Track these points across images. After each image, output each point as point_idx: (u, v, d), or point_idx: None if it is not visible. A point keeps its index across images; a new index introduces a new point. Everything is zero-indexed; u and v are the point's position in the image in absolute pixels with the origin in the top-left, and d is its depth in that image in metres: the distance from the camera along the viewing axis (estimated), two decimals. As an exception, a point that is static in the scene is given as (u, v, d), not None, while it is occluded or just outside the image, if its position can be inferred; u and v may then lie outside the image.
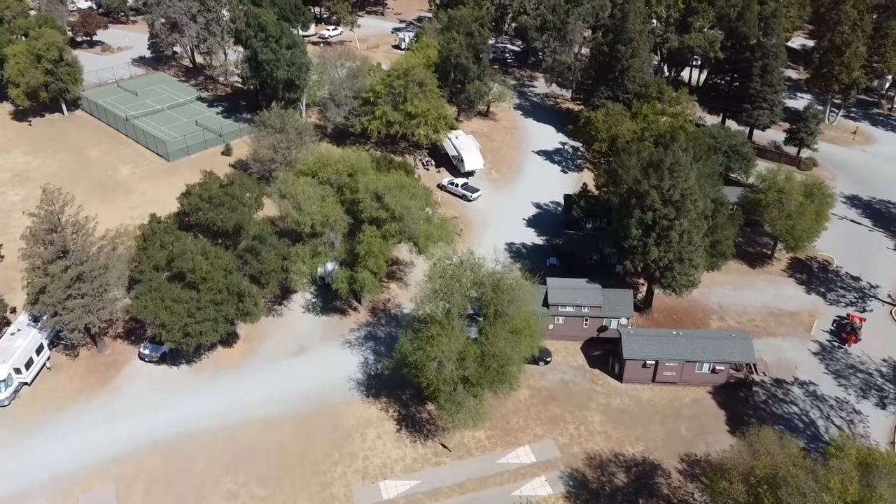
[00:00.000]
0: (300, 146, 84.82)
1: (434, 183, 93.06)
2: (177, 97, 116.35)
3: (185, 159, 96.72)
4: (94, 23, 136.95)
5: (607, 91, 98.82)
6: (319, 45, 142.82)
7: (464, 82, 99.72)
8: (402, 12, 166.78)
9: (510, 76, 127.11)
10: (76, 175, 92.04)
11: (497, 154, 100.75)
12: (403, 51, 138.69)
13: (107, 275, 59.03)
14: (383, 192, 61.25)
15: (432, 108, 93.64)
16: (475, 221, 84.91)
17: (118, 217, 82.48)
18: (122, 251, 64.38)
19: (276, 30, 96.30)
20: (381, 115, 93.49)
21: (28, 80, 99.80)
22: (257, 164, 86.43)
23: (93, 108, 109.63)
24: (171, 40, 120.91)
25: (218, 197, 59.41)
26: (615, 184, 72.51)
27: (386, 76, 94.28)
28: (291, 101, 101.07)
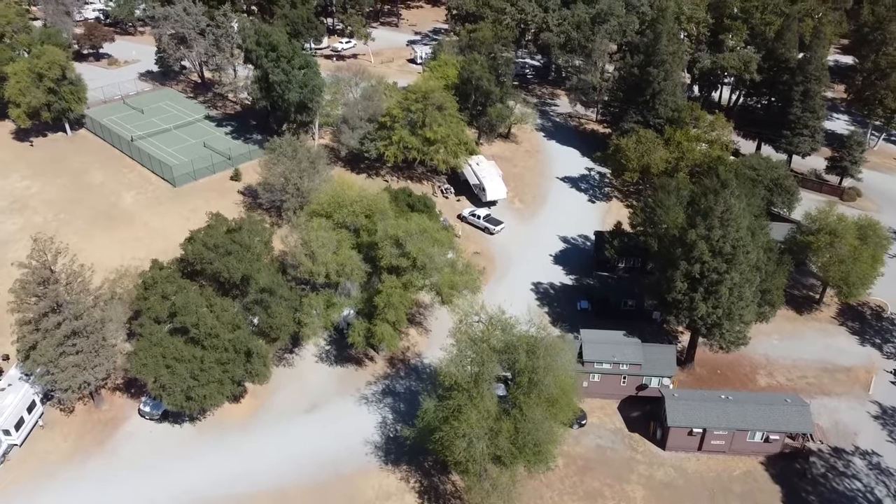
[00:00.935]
0: (312, 175, 79.89)
1: (454, 213, 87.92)
2: (184, 116, 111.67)
3: (191, 185, 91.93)
4: (100, 35, 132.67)
5: (637, 115, 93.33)
6: (332, 59, 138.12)
7: (485, 105, 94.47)
8: (416, 24, 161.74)
9: (531, 94, 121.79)
10: (77, 202, 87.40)
11: (520, 181, 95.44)
12: (419, 64, 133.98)
13: (104, 329, 54.11)
14: (404, 239, 56.10)
15: (452, 133, 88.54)
16: (499, 257, 79.65)
17: (120, 250, 78.08)
18: (122, 296, 59.70)
19: (288, 49, 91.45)
20: (398, 141, 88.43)
21: (29, 100, 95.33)
22: (267, 194, 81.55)
23: (97, 127, 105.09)
24: (179, 55, 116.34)
25: (224, 245, 54.42)
26: (653, 224, 67.12)
27: (403, 99, 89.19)
28: (303, 124, 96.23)
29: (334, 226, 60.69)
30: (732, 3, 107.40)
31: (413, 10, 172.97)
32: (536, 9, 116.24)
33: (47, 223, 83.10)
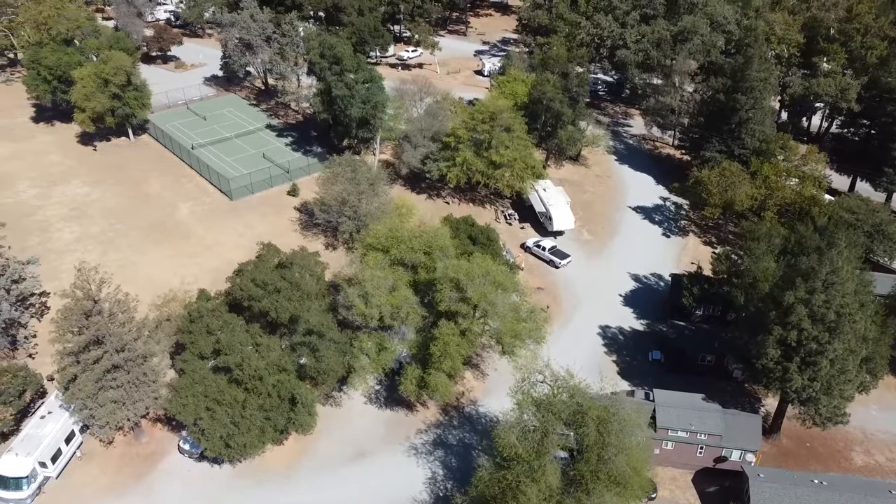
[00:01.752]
0: (371, 197, 76.21)
1: (517, 241, 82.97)
2: (245, 124, 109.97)
3: (248, 198, 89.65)
4: (169, 38, 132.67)
5: (720, 144, 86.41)
6: (397, 68, 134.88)
7: (555, 126, 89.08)
8: (485, 33, 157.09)
9: (602, 112, 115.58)
10: (134, 212, 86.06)
11: (589, 209, 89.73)
12: (486, 77, 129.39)
13: (146, 364, 51.38)
14: (465, 283, 51.54)
15: (519, 156, 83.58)
16: (564, 295, 74.30)
17: (171, 266, 76.11)
18: (167, 324, 57.12)
19: (353, 62, 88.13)
20: (462, 163, 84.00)
21: (94, 105, 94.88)
22: (323, 214, 78.29)
23: (159, 134, 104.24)
24: (244, 62, 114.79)
25: (273, 282, 50.93)
26: (738, 274, 60.76)
27: (469, 118, 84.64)
28: (365, 140, 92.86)
29: (391, 262, 56.59)
30: (829, 24, 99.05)
31: (482, 19, 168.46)
32: (613, 24, 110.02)
33: (103, 233, 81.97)
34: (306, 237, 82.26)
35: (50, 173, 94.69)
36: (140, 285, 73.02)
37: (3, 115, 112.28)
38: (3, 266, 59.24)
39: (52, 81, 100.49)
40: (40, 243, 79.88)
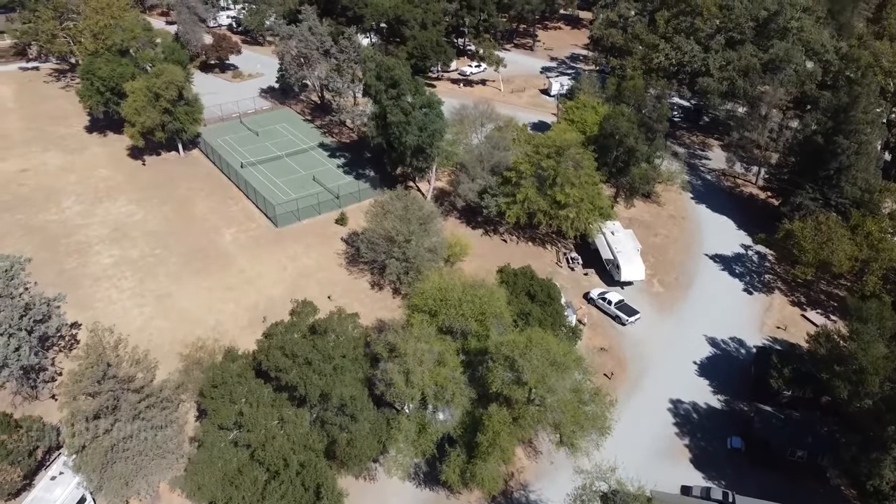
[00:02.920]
0: (422, 237, 70.02)
1: (579, 289, 75.51)
2: (298, 142, 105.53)
3: (294, 226, 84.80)
4: (227, 47, 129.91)
5: (814, 191, 76.94)
6: (459, 84, 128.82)
7: (628, 163, 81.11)
8: (553, 48, 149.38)
9: (677, 141, 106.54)
10: (176, 236, 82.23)
11: (661, 255, 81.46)
12: (553, 97, 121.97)
13: (162, 433, 46.41)
14: (521, 364, 44.65)
15: (587, 196, 76.11)
16: (630, 358, 66.51)
17: (208, 300, 71.73)
18: (191, 383, 52.20)
19: (410, 86, 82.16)
20: (523, 200, 77.06)
21: (143, 120, 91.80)
22: (370, 252, 72.49)
23: (209, 150, 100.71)
24: (301, 75, 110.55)
25: (304, 353, 45.12)
26: (841, 361, 52.00)
27: (533, 152, 77.56)
28: (419, 169, 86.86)
29: (438, 328, 50.17)
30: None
31: (551, 32, 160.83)
32: (696, 48, 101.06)
33: (142, 258, 78.29)
34: (352, 273, 76.80)
35: (97, 189, 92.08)
36: (173, 320, 69.29)
37: (61, 123, 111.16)
38: (26, 305, 55.24)
39: (106, 93, 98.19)
40: (77, 267, 76.70)
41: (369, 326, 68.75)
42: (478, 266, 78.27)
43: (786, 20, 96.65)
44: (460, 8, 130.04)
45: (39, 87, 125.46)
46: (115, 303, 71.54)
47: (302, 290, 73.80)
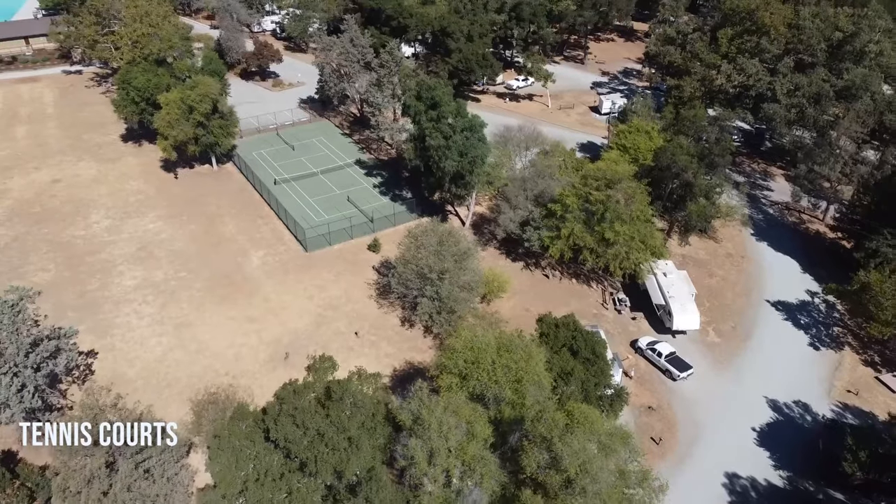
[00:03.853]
0: (457, 274, 64.91)
1: (626, 335, 69.53)
2: (334, 157, 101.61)
3: (324, 251, 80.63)
4: (268, 55, 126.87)
5: (894, 237, 69.40)
6: (505, 99, 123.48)
7: (684, 198, 74.68)
8: (605, 61, 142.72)
9: (736, 168, 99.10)
10: (202, 258, 78.86)
11: (717, 298, 74.83)
12: (604, 115, 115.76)
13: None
14: (559, 448, 39.20)
15: (638, 234, 70.04)
16: (682, 420, 60.28)
17: (229, 332, 67.98)
18: (202, 434, 48.24)
19: (452, 108, 77.19)
20: (568, 235, 71.39)
21: (176, 134, 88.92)
22: (401, 287, 67.72)
23: (242, 164, 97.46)
24: (340, 88, 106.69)
25: (316, 424, 40.46)
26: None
27: (581, 184, 71.79)
28: (458, 196, 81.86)
29: (468, 394, 45.03)
30: None
31: (603, 44, 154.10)
32: (761, 70, 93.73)
33: (165, 282, 75.02)
34: (381, 306, 72.19)
35: (127, 202, 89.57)
36: (191, 352, 65.69)
37: (98, 130, 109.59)
38: (34, 341, 51.99)
39: (141, 103, 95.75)
40: (99, 289, 73.81)
41: (397, 370, 64.39)
42: (517, 304, 73.02)
43: (863, 43, 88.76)
44: (509, 19, 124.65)
45: (80, 91, 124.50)
46: (133, 330, 68.30)
47: (328, 323, 69.70)
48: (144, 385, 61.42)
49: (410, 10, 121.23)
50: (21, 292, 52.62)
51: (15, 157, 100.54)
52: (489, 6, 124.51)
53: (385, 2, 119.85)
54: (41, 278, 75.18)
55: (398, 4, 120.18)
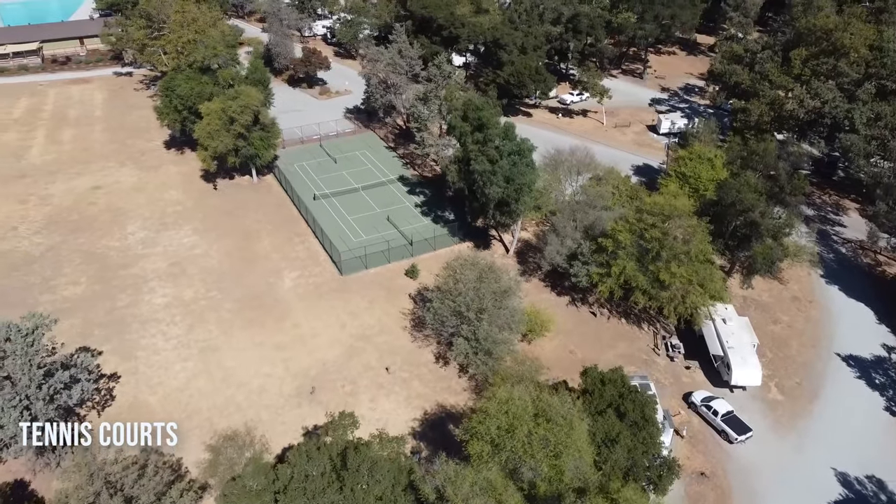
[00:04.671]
0: (496, 314, 60.37)
1: (679, 386, 63.92)
2: (377, 173, 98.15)
3: (360, 274, 77.14)
4: (316, 63, 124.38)
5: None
6: (557, 114, 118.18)
7: (749, 237, 68.51)
8: (665, 76, 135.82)
9: (805, 201, 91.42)
10: (234, 277, 76.28)
11: (781, 349, 68.45)
12: (662, 136, 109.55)
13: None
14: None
15: (696, 276, 64.28)
16: (737, 491, 54.47)
17: (255, 359, 65.18)
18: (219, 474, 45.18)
19: (499, 130, 72.66)
20: (619, 274, 66.11)
21: (216, 145, 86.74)
22: (437, 324, 63.52)
23: (283, 177, 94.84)
24: (386, 100, 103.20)
25: (330, 496, 36.53)
26: None
27: (636, 219, 66.34)
28: (502, 224, 77.35)
29: (501, 466, 40.51)
30: None
31: (663, 57, 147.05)
32: (838, 96, 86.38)
33: (195, 301, 72.62)
34: (416, 339, 68.27)
35: (164, 213, 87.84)
36: (215, 381, 62.92)
37: (142, 135, 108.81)
38: (47, 371, 49.63)
39: (183, 111, 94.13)
40: (128, 306, 71.83)
41: (427, 413, 60.31)
42: (560, 345, 68.17)
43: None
44: (565, 31, 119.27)
45: (129, 94, 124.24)
46: (158, 353, 65.93)
47: (358, 355, 66.15)
48: (165, 415, 58.56)
49: (463, 19, 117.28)
50: (37, 320, 50.30)
51: (59, 162, 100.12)
52: (545, 17, 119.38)
53: (437, 11, 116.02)
54: (71, 292, 73.73)
55: (450, 14, 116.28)
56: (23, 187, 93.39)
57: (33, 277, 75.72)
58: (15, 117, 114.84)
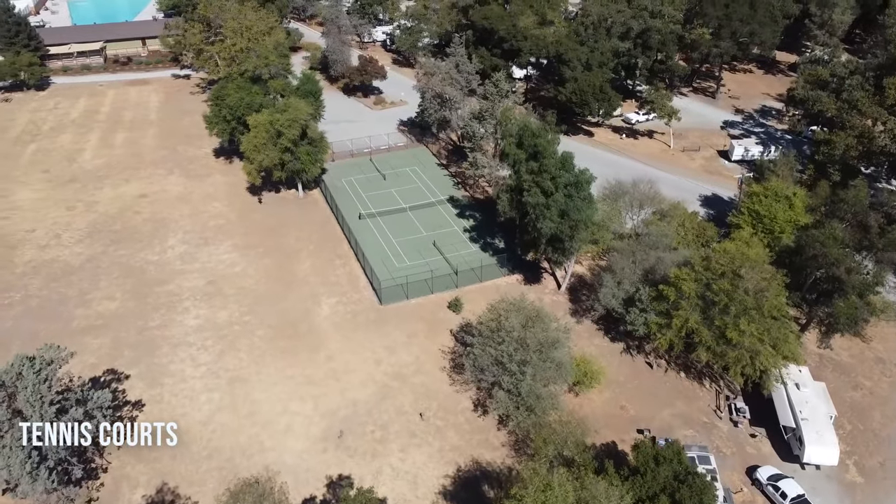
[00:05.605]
0: (542, 367, 55.21)
1: (742, 458, 57.40)
2: (426, 192, 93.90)
3: (400, 305, 72.99)
4: (372, 72, 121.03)
5: None
6: (621, 134, 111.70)
7: (830, 293, 61.29)
8: (739, 97, 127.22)
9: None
10: (271, 300, 73.21)
11: (862, 420, 61.02)
12: (734, 163, 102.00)
13: None
14: None
15: (769, 335, 57.56)
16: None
17: (283, 394, 61.92)
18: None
19: (556, 161, 67.27)
20: (681, 327, 59.94)
21: (262, 159, 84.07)
22: (475, 370, 58.75)
23: (329, 193, 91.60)
24: (440, 116, 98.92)
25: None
26: None
27: (702, 267, 60.00)
28: (556, 262, 71.97)
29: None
30: None
31: (738, 75, 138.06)
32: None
33: (229, 325, 69.81)
34: (454, 383, 63.67)
35: (206, 227, 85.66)
36: (241, 416, 59.73)
37: (193, 142, 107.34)
38: (59, 409, 47.05)
39: (232, 122, 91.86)
40: (160, 326, 69.52)
41: (461, 469, 55.64)
42: (611, 400, 62.51)
43: None
44: (633, 47, 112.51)
45: (184, 98, 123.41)
46: (185, 381, 63.19)
47: (392, 397, 62.05)
48: (184, 452, 55.74)
49: (525, 31, 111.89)
50: (54, 353, 47.82)
51: (109, 167, 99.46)
52: (613, 31, 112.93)
53: (499, 22, 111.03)
54: (105, 307, 71.95)
55: (512, 26, 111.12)
56: (72, 192, 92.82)
57: (71, 290, 74.33)
58: (73, 118, 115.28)
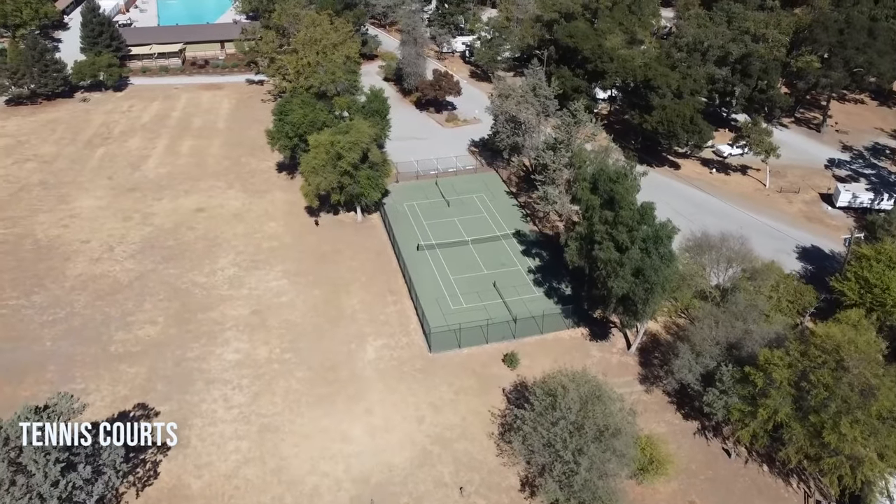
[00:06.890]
0: (600, 457, 48.15)
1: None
2: (491, 224, 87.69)
3: (451, 353, 67.11)
4: (446, 87, 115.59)
5: None
6: (711, 169, 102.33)
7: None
8: (849, 131, 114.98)
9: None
10: (314, 336, 68.79)
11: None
12: (839, 209, 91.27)
13: None
14: None
15: (878, 442, 48.52)
16: None
17: (315, 449, 57.31)
18: None
19: (633, 212, 59.69)
20: (768, 419, 51.54)
21: (320, 182, 79.96)
22: (527, 451, 52.11)
23: (388, 218, 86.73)
24: (513, 142, 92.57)
25: None
26: None
27: (799, 353, 51.35)
28: (627, 325, 64.30)
29: None
30: None
31: (848, 106, 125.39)
32: None
33: (268, 363, 65.70)
34: (501, 453, 57.23)
35: (258, 250, 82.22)
36: (266, 471, 55.28)
37: (258, 154, 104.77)
38: (68, 464, 43.48)
39: (294, 138, 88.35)
40: (198, 358, 66.12)
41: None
42: (679, 492, 54.70)
43: None
44: (732, 73, 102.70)
45: (255, 105, 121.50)
46: (216, 424, 59.28)
47: (431, 464, 56.23)
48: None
49: (612, 52, 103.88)
50: (66, 404, 44.32)
51: (171, 177, 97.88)
52: (709, 55, 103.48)
53: (584, 42, 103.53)
54: (146, 332, 69.18)
55: (598, 46, 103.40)
56: (131, 202, 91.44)
57: (115, 309, 72.07)
58: (143, 122, 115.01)
